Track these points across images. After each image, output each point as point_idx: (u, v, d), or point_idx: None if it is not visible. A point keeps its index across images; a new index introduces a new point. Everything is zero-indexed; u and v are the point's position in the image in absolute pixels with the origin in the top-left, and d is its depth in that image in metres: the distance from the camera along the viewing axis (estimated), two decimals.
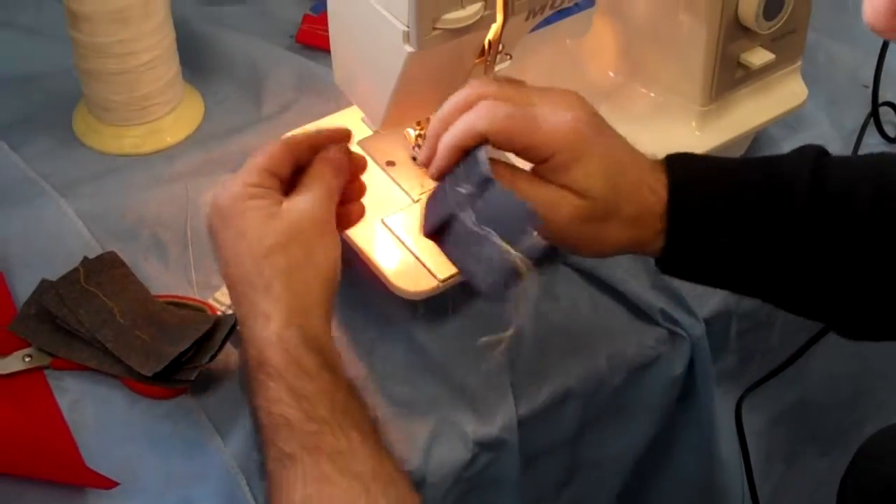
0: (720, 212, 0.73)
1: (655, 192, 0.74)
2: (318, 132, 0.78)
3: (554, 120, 0.72)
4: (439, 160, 0.73)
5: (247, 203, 0.72)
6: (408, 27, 0.75)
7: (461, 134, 0.72)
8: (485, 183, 0.70)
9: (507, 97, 0.72)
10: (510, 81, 0.75)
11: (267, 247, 0.71)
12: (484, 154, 0.71)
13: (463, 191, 0.71)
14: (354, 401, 0.69)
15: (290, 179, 0.76)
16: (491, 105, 0.72)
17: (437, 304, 0.86)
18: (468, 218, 0.70)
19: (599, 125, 0.75)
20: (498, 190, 0.69)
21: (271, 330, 0.69)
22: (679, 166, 0.75)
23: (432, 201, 0.75)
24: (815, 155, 0.74)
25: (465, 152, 0.72)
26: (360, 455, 0.66)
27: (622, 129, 0.95)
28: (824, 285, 0.73)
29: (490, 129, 0.71)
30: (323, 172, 0.75)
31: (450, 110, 0.73)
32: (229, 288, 0.73)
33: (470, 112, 0.72)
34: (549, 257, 0.91)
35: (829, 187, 0.72)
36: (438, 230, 0.74)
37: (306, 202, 0.73)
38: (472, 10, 0.76)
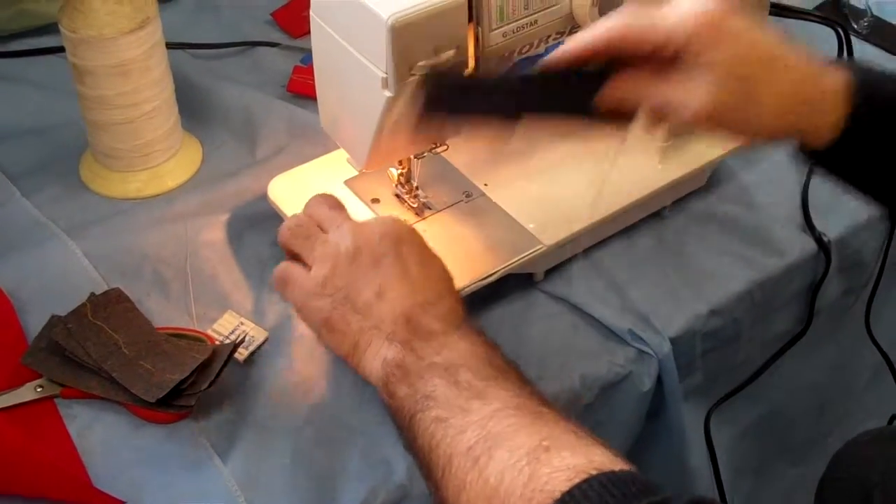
0: None
1: (820, 84, 0.71)
2: None
3: (683, 9, 0.70)
4: (550, 58, 0.73)
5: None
6: (385, 74, 0.77)
7: (582, 37, 0.72)
8: None
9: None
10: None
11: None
12: None
13: None
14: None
15: None
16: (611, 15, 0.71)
17: None
18: None
19: (737, 13, 0.71)
20: None
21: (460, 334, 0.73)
22: (858, 68, 0.72)
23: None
24: None
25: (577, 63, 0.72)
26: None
27: (591, 165, 0.99)
28: None
29: (613, 27, 0.71)
30: None
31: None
32: (403, 318, 0.75)
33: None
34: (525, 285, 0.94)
35: None
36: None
37: None
38: (446, 56, 0.78)
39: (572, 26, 0.86)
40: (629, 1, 0.74)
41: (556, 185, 0.97)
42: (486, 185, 0.97)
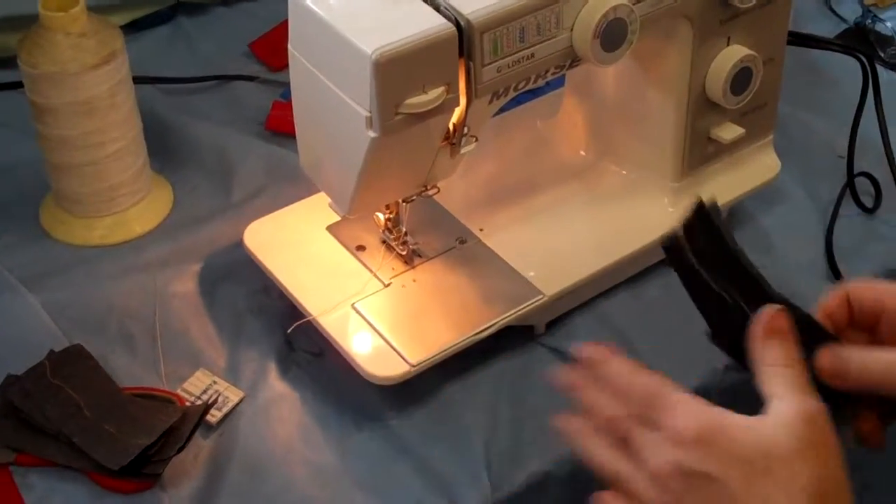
0: None
1: None
2: None
3: None
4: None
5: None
6: (370, 113, 0.78)
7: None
8: None
9: None
10: None
11: None
12: None
13: None
14: None
15: None
16: None
17: (411, 390, 0.89)
18: None
19: None
20: None
21: None
22: None
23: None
24: None
25: None
26: None
27: (595, 207, 1.00)
28: None
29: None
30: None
31: None
32: None
33: None
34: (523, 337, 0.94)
35: None
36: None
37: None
38: (434, 94, 0.79)
39: (573, 60, 0.86)
40: None
41: (558, 229, 0.98)
42: (481, 229, 0.98)
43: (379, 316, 0.90)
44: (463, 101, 0.82)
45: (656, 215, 0.98)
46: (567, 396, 0.88)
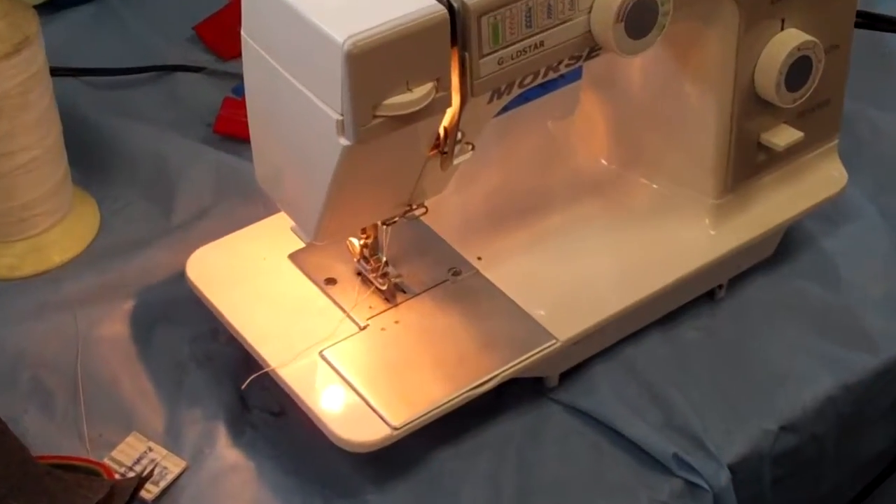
0: None
1: None
2: None
3: None
4: None
5: None
6: (342, 115, 0.78)
7: None
8: None
9: None
10: None
11: None
12: None
13: None
14: None
15: None
16: None
17: (392, 458, 0.88)
18: None
19: None
20: None
21: None
22: None
23: None
24: None
25: None
26: None
27: (619, 231, 1.00)
28: None
29: None
30: None
31: None
32: None
33: None
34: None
35: None
36: None
37: None
38: (421, 92, 0.78)
39: (591, 48, 0.86)
40: None
41: (574, 257, 0.98)
42: (479, 258, 0.97)
43: (353, 366, 0.90)
44: (456, 100, 0.82)
45: (694, 240, 0.98)
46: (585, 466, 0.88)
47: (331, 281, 0.95)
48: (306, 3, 0.78)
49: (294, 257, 0.97)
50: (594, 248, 0.99)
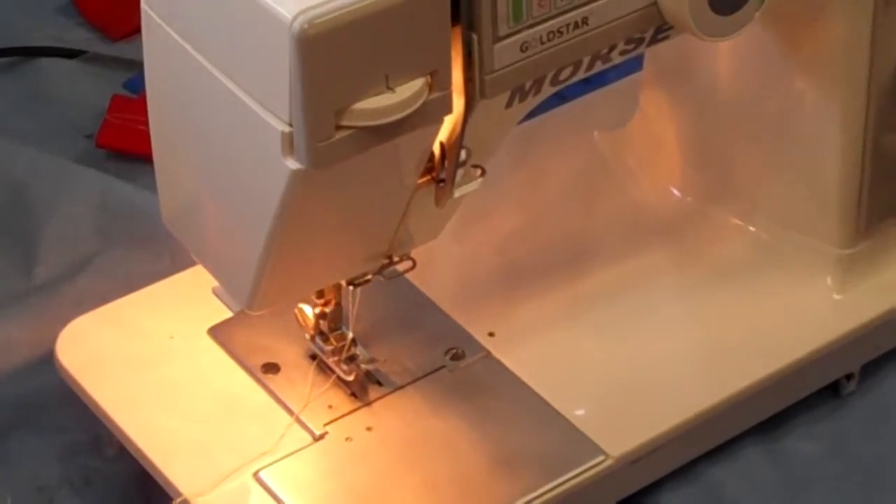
0: None
1: None
2: None
3: None
4: None
5: None
6: (291, 126, 0.78)
7: None
8: None
9: None
10: None
11: None
12: None
13: None
14: None
15: None
16: None
17: None
18: None
19: None
20: None
21: None
22: None
23: None
24: None
25: None
26: None
27: (699, 295, 1.01)
28: None
29: None
30: None
31: None
32: None
33: None
34: None
35: None
36: None
37: None
38: (407, 92, 0.79)
39: (657, 28, 0.88)
40: None
41: (630, 334, 1.00)
42: (491, 334, 0.99)
43: (303, 495, 0.91)
44: (459, 103, 0.83)
45: (811, 308, 1.00)
46: None
47: (271, 367, 0.97)
48: None
49: (216, 333, 0.98)
50: (661, 320, 1.01)
